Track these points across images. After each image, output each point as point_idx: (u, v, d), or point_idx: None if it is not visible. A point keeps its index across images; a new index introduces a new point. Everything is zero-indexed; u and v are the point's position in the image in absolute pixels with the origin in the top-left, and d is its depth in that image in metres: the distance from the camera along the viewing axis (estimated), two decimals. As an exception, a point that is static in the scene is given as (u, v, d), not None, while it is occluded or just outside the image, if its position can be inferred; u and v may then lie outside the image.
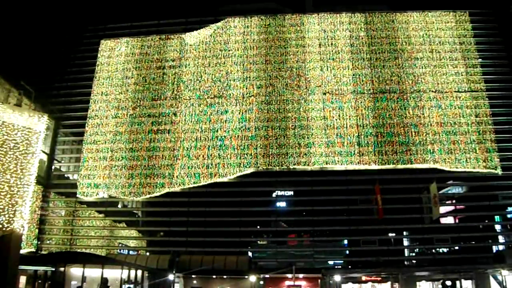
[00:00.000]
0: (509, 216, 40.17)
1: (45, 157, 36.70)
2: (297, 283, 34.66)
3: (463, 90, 35.42)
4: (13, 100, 29.11)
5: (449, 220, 45.01)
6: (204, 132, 35.75)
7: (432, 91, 35.41)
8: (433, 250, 42.47)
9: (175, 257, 35.07)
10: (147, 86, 37.92)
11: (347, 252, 43.84)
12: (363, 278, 34.04)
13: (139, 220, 43.38)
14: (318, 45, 37.29)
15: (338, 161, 33.91)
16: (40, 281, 28.65)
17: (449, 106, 34.93)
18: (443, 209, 40.43)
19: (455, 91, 35.38)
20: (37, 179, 26.30)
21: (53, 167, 38.53)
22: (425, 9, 37.97)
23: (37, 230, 35.16)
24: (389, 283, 33.42)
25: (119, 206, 41.77)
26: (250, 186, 35.68)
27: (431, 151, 33.68)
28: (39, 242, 35.37)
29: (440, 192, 39.02)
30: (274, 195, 48.46)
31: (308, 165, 34.06)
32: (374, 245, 36.38)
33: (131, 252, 42.08)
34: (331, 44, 37.24)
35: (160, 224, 39.03)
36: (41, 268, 28.24)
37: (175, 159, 35.18)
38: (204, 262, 34.47)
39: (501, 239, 39.49)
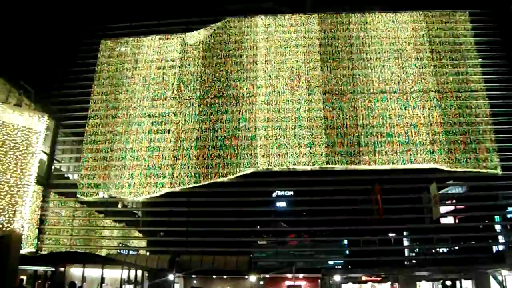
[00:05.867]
0: (509, 216, 40.17)
1: (45, 157, 36.68)
2: (297, 283, 34.65)
3: (463, 90, 35.41)
4: (13, 100, 29.09)
5: (449, 220, 45.04)
6: (204, 132, 35.75)
7: (432, 91, 35.40)
8: (433, 250, 42.48)
9: (175, 257, 35.07)
10: (147, 86, 37.91)
11: (347, 252, 43.87)
12: (363, 278, 34.06)
13: (139, 220, 43.35)
14: (318, 45, 37.28)
15: (338, 161, 33.89)
16: (40, 281, 28.65)
17: (449, 106, 34.92)
18: (443, 209, 40.43)
19: (455, 91, 35.37)
20: (37, 179, 26.32)
21: (53, 167, 38.50)
22: (425, 9, 37.95)
23: (37, 230, 35.13)
24: (389, 283, 33.45)
25: (119, 206, 41.76)
26: (250, 186, 35.67)
27: (431, 151, 33.66)
28: (39, 242, 35.34)
29: (440, 192, 39.00)
30: (274, 195, 48.50)
31: (308, 165, 34.05)
32: (374, 245, 36.39)
33: (131, 252, 42.07)
34: (331, 44, 37.22)
35: (160, 224, 39.03)
36: (41, 268, 28.24)
37: (175, 159, 35.17)
38: (204, 262, 34.48)
39: (501, 239, 39.49)
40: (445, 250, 43.77)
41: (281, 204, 48.25)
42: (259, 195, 37.65)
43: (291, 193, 47.81)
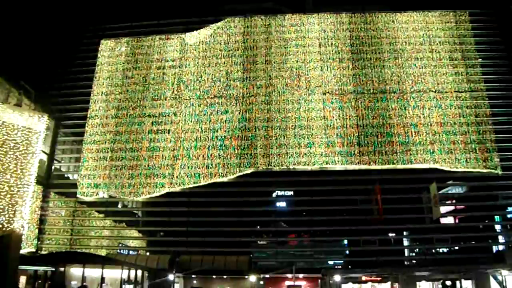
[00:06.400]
0: (509, 216, 40.18)
1: (45, 157, 36.68)
2: (297, 283, 34.66)
3: (463, 90, 35.42)
4: (13, 100, 29.11)
5: (449, 220, 45.02)
6: (204, 132, 35.75)
7: (432, 91, 35.41)
8: (433, 250, 42.47)
9: (175, 257, 35.07)
10: (147, 86, 37.93)
11: (347, 252, 43.84)
12: (363, 278, 34.03)
13: (139, 220, 43.37)
14: (318, 45, 37.30)
15: (338, 161, 33.91)
16: (40, 281, 28.65)
17: (449, 106, 34.94)
18: (443, 209, 40.42)
19: (455, 91, 35.38)
20: (37, 179, 26.31)
21: (53, 167, 38.51)
22: (425, 9, 37.97)
23: (37, 230, 35.15)
24: (389, 283, 33.42)
25: (119, 206, 41.76)
26: (250, 186, 35.67)
27: (431, 151, 33.67)
28: (39, 242, 35.36)
29: (440, 192, 39.01)
30: (274, 195, 48.46)
31: (308, 165, 34.05)
32: (374, 245, 36.38)
33: (131, 252, 42.07)
34: (331, 44, 37.24)
35: (160, 224, 39.02)
36: (41, 268, 28.24)
37: (175, 159, 35.18)
38: (204, 262, 34.46)
39: (501, 239, 39.50)
40: (445, 250, 43.76)
41: (281, 204, 48.21)
42: (259, 195, 37.63)
43: (291, 193, 47.80)
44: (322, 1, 40.62)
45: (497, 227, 40.39)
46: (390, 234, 40.50)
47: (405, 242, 44.59)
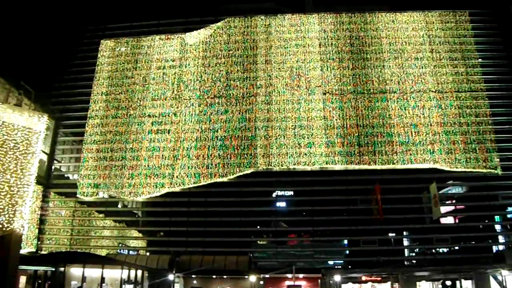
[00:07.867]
0: (509, 216, 40.16)
1: (45, 157, 36.68)
2: (297, 283, 34.64)
3: (463, 90, 35.44)
4: (13, 100, 29.07)
5: (449, 220, 44.99)
6: (204, 132, 35.77)
7: (432, 91, 35.42)
8: (433, 250, 42.45)
9: (175, 257, 35.06)
10: (147, 86, 37.96)
11: (347, 252, 43.82)
12: (363, 278, 34.02)
13: (139, 220, 43.36)
14: (318, 45, 37.31)
15: (338, 161, 33.91)
16: (40, 281, 28.64)
17: (449, 106, 34.96)
18: (443, 209, 40.41)
19: (455, 91, 35.40)
20: (37, 179, 26.29)
21: (53, 167, 38.52)
22: (425, 9, 37.99)
23: (37, 230, 35.15)
24: (389, 283, 33.41)
25: (119, 206, 41.75)
26: (250, 186, 35.67)
27: (431, 151, 33.69)
28: (39, 242, 35.36)
29: (440, 192, 38.98)
30: (274, 195, 48.43)
31: (308, 165, 34.06)
32: (374, 245, 36.37)
33: (131, 252, 42.05)
34: (331, 44, 37.26)
35: (160, 224, 39.03)
36: (41, 268, 28.24)
37: (175, 159, 35.18)
38: (204, 262, 34.45)
39: (501, 239, 39.47)
40: (445, 250, 43.74)
41: (281, 204, 48.21)
42: (259, 195, 37.63)
43: (291, 193, 47.75)
44: (322, 1, 40.63)
45: (497, 227, 40.38)
46: (390, 234, 40.49)
47: (405, 242, 44.58)
